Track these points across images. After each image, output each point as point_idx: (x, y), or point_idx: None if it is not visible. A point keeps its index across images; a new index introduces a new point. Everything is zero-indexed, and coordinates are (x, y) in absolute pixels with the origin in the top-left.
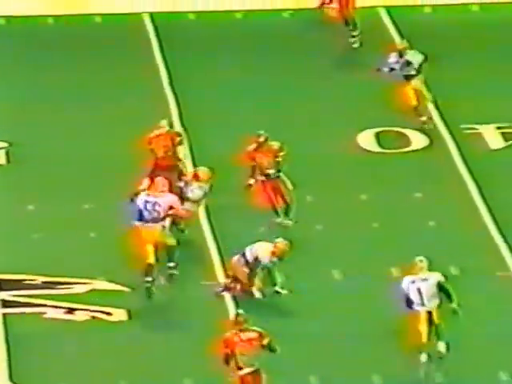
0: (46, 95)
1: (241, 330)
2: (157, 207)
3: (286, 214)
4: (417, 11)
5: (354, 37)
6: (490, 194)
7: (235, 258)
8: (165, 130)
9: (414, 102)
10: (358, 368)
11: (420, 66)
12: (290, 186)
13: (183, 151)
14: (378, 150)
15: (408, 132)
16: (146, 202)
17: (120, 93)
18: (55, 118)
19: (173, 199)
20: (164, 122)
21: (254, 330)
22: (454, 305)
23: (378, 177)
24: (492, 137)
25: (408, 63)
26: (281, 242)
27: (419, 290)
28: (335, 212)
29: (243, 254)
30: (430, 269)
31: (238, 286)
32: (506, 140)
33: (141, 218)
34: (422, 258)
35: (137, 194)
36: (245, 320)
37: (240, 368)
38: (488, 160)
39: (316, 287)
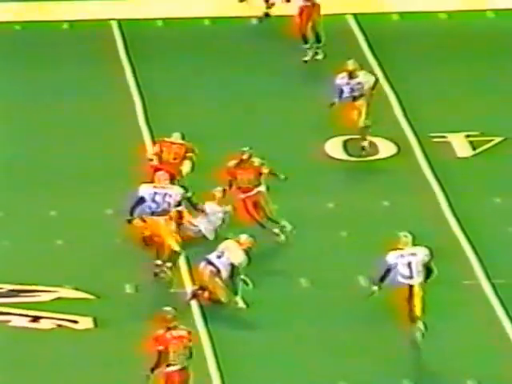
0: (11, 100)
1: (170, 328)
2: (167, 198)
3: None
4: (385, 19)
5: (318, 48)
6: (457, 202)
7: (201, 266)
8: (180, 141)
9: (361, 124)
10: (325, 375)
11: (373, 87)
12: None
13: (187, 168)
14: (346, 157)
15: (376, 140)
16: (155, 193)
17: (87, 100)
18: (19, 123)
19: (181, 191)
20: (177, 135)
21: (182, 328)
22: (427, 281)
23: (345, 185)
24: (460, 145)
25: (359, 84)
26: (245, 238)
27: (409, 264)
28: (302, 220)
29: (211, 263)
30: None
31: (206, 294)
32: (475, 148)
33: (139, 208)
34: (406, 233)
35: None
36: (174, 317)
37: (169, 365)
38: (456, 168)
39: (283, 295)
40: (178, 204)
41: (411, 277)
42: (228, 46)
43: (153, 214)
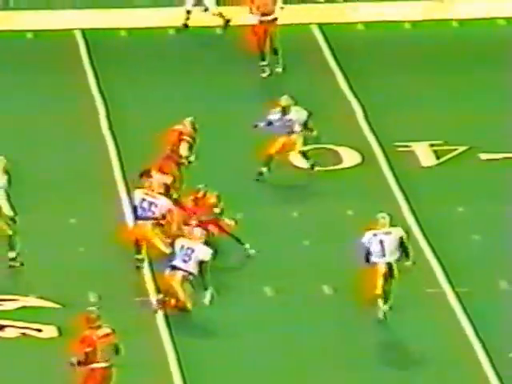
0: None
1: (94, 327)
2: (153, 207)
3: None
4: (350, 28)
5: (277, 61)
6: (421, 211)
7: (167, 272)
8: (177, 128)
9: (271, 151)
10: (290, 383)
11: (305, 123)
12: (232, 224)
13: (185, 150)
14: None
15: (340, 149)
16: (143, 199)
17: (51, 108)
18: None
19: (169, 205)
20: (187, 121)
21: (106, 326)
22: (409, 262)
23: (309, 194)
24: (424, 154)
25: (290, 121)
26: (200, 232)
27: (381, 242)
28: (266, 229)
29: (178, 268)
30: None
31: (172, 302)
32: (438, 158)
33: (134, 214)
34: (384, 214)
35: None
36: (98, 317)
37: (95, 362)
38: (420, 177)
39: (248, 304)
40: (163, 217)
41: (383, 255)
42: (192, 54)
43: (138, 218)
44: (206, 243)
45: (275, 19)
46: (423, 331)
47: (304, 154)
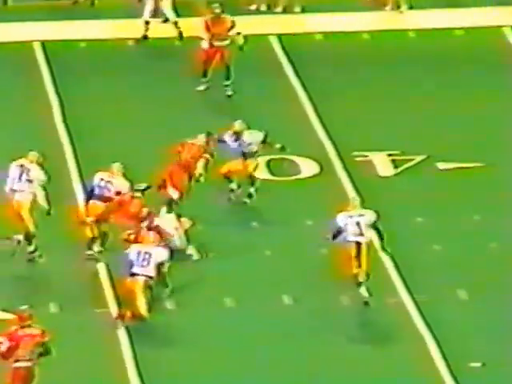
0: None
1: (24, 326)
2: (109, 185)
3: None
4: (308, 39)
5: (227, 86)
6: (380, 220)
7: (129, 280)
8: (200, 143)
9: (223, 171)
10: None
11: (264, 141)
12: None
13: (201, 167)
14: (269, 177)
15: (298, 159)
16: (101, 179)
17: (10, 120)
18: None
19: (125, 185)
20: (202, 136)
21: (36, 327)
22: (383, 243)
23: (269, 204)
24: (382, 164)
25: (246, 143)
26: (154, 235)
27: (358, 223)
28: (227, 239)
29: (138, 274)
30: None
31: (128, 313)
32: (396, 167)
33: (91, 195)
34: (355, 196)
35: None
36: (29, 316)
37: (17, 361)
38: (378, 187)
39: (208, 315)
40: (117, 194)
41: (361, 234)
42: (151, 66)
43: (94, 197)
44: (164, 245)
45: (229, 44)
46: (382, 341)
47: (228, 178)
